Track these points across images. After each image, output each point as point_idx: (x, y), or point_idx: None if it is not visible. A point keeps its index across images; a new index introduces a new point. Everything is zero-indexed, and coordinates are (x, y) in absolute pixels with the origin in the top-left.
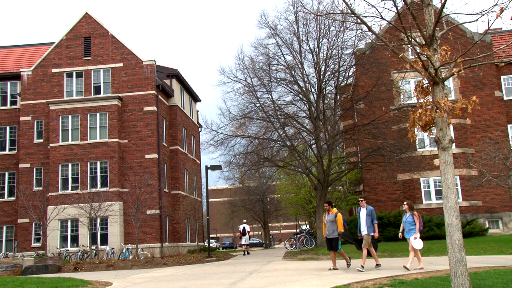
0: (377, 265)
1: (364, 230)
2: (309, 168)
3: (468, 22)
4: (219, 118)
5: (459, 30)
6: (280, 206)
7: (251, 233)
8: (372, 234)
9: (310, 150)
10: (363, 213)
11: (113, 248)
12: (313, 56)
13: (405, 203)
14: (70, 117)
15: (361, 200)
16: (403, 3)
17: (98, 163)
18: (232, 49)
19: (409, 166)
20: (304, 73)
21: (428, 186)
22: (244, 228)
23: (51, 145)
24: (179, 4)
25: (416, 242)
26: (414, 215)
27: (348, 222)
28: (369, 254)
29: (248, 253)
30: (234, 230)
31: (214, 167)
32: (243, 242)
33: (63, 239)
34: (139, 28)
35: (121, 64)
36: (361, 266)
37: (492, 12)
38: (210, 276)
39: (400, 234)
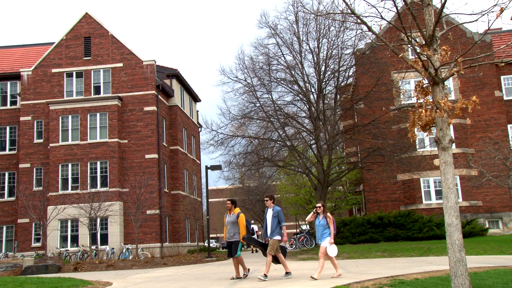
0: (287, 273)
1: (269, 233)
2: (309, 168)
3: (468, 22)
4: (219, 118)
5: (459, 30)
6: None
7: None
8: (278, 238)
9: (310, 150)
10: (269, 214)
11: (113, 248)
12: (313, 56)
13: (318, 204)
14: (70, 117)
15: (267, 200)
16: (403, 3)
17: (98, 163)
18: (232, 49)
19: (409, 166)
20: (304, 73)
21: (428, 186)
22: (252, 228)
23: (51, 145)
24: (179, 5)
25: (331, 248)
26: (328, 218)
27: (347, 222)
28: (277, 261)
29: (255, 251)
30: None
31: (214, 167)
32: None
33: (63, 239)
34: (139, 28)
35: (121, 64)
36: (264, 274)
37: (492, 12)
38: (210, 276)
39: (330, 241)
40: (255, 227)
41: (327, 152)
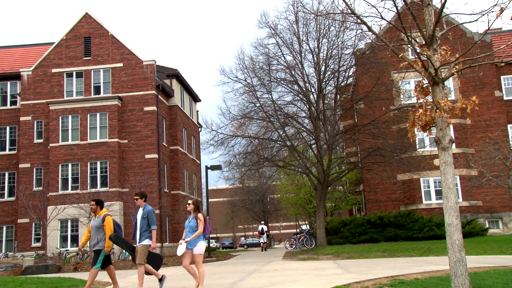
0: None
1: (138, 238)
2: (309, 168)
3: (468, 22)
4: (219, 118)
5: (459, 30)
6: (280, 206)
7: (251, 233)
8: (148, 243)
9: (310, 150)
10: (139, 215)
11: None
12: (313, 56)
13: (189, 201)
14: (70, 117)
15: (137, 198)
16: (403, 3)
17: (98, 163)
18: (232, 49)
19: (409, 166)
20: (304, 73)
21: (428, 186)
22: (262, 228)
23: (51, 145)
24: (179, 5)
25: (180, 247)
26: (198, 219)
27: (347, 222)
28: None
29: (265, 250)
30: (234, 230)
31: (214, 167)
32: (261, 240)
33: (63, 239)
34: (139, 28)
35: (121, 64)
36: None
37: (492, 12)
38: (210, 276)
39: (181, 242)
40: (264, 227)
41: (327, 152)
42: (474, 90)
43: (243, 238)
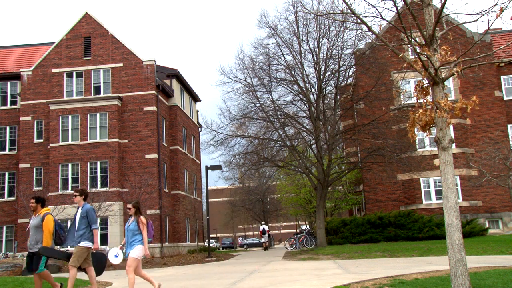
0: None
1: (77, 239)
2: (309, 168)
3: (468, 22)
4: (219, 118)
5: (459, 30)
6: (280, 206)
7: (251, 233)
8: (87, 245)
9: (310, 150)
10: (78, 215)
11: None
12: (313, 56)
13: (129, 206)
14: (70, 117)
15: (76, 195)
16: (403, 3)
17: (98, 163)
18: (232, 49)
19: (409, 166)
20: (304, 73)
21: (428, 186)
22: (264, 228)
23: (51, 145)
24: (179, 5)
25: (111, 251)
26: (140, 223)
27: (347, 222)
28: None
29: (267, 249)
30: (234, 230)
31: (214, 167)
32: (263, 240)
33: None
34: (139, 28)
35: (121, 64)
36: None
37: (492, 12)
38: (210, 276)
39: (120, 246)
40: (266, 227)
41: (327, 152)
42: (474, 90)
43: (240, 238)
